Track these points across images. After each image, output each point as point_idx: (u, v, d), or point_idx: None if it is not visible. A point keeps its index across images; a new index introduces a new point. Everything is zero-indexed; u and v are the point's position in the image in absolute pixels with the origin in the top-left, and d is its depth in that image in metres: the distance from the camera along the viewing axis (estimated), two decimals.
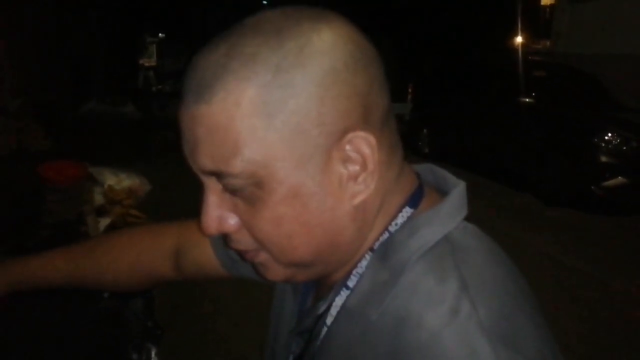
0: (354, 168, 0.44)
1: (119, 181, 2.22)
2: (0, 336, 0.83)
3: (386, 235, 0.47)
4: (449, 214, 0.47)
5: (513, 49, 11.22)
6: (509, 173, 6.27)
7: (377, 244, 0.47)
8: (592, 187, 5.24)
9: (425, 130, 7.97)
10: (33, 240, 1.48)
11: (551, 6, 11.65)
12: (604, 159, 5.26)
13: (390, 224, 0.47)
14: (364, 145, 0.43)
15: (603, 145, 5.28)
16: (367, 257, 0.47)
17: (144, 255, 0.78)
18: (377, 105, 0.44)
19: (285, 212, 0.43)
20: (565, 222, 5.16)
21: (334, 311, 0.48)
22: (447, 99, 7.43)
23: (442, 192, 0.51)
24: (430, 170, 0.54)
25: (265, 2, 19.70)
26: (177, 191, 4.84)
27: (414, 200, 0.48)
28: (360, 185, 0.44)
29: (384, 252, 0.46)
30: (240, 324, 2.92)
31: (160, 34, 23.08)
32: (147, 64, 21.50)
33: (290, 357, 0.57)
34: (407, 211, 0.47)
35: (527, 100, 6.17)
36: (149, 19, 17.90)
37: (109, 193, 2.07)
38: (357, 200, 0.44)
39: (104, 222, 1.97)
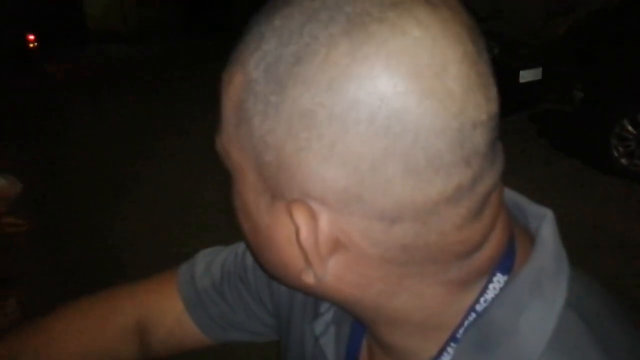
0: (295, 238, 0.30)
1: None
2: None
3: (473, 316, 0.32)
4: (556, 268, 0.32)
5: None
6: None
7: (461, 331, 0.32)
8: None
9: None
10: None
11: None
12: None
13: (478, 301, 0.32)
14: (303, 221, 0.29)
15: None
16: (450, 350, 0.32)
17: (97, 340, 0.58)
18: (384, 192, 0.27)
19: (240, 217, 0.35)
20: None
21: None
22: None
23: (525, 229, 0.36)
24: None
25: None
26: (52, 188, 4.29)
27: (505, 263, 0.33)
28: (302, 260, 0.31)
29: (482, 342, 0.31)
30: None
31: None
32: None
33: None
34: (499, 280, 0.32)
35: None
36: None
37: None
38: (305, 280, 0.32)
39: None
